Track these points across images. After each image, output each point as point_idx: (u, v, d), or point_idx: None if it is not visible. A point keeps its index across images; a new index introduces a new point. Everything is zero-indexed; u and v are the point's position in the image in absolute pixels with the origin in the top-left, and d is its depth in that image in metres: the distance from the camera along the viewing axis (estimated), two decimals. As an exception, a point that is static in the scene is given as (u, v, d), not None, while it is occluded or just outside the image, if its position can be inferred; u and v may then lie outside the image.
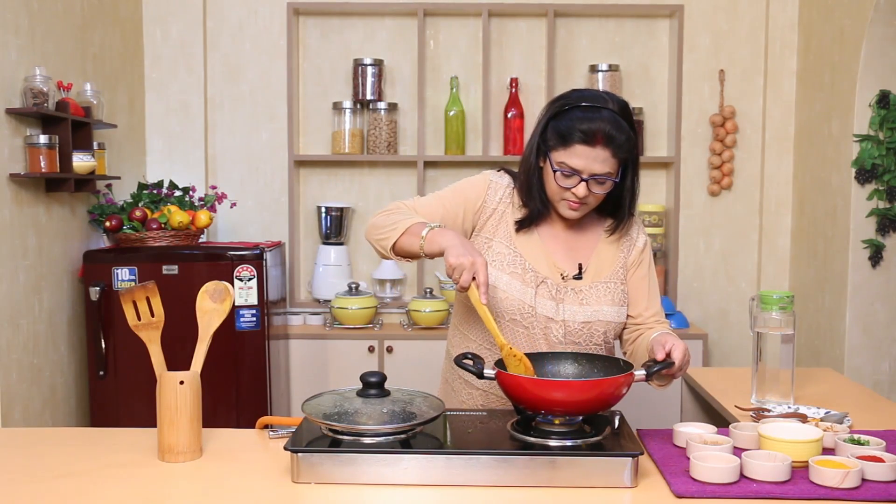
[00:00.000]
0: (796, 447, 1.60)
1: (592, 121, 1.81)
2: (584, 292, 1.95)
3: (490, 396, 1.99)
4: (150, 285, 1.75)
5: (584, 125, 1.81)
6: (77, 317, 3.29)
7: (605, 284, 1.97)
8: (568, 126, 1.83)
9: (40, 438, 1.86)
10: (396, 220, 1.87)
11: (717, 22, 4.06)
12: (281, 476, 1.59)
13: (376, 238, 1.90)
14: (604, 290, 1.96)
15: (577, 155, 1.82)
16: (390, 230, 1.86)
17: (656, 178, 4.16)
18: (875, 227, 3.41)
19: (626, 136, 1.83)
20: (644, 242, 2.04)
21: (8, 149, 2.79)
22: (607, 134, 1.80)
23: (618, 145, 1.82)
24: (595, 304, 1.94)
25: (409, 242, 1.83)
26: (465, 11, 4.02)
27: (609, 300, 1.96)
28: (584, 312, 1.93)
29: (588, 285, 1.96)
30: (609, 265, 1.99)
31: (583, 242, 2.00)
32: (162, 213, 3.36)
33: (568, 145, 1.83)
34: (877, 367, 3.45)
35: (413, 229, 1.83)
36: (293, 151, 4.01)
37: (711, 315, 4.16)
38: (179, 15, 3.98)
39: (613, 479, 1.53)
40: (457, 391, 2.05)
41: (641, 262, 2.02)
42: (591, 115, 1.82)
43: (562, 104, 1.88)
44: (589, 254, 1.99)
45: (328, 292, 3.96)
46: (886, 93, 3.34)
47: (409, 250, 1.85)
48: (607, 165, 1.83)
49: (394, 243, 1.85)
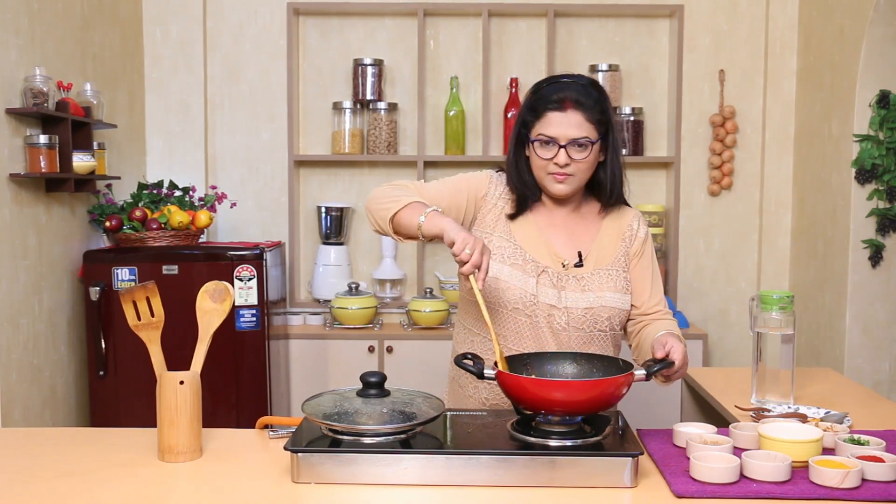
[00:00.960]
0: (796, 447, 1.60)
1: (560, 90, 1.90)
2: (585, 279, 1.97)
3: (497, 389, 1.99)
4: (150, 285, 1.75)
5: (553, 95, 1.90)
6: (77, 317, 3.29)
7: (606, 272, 1.99)
8: (539, 99, 1.92)
9: (40, 438, 1.86)
10: (400, 195, 1.88)
11: (717, 22, 4.06)
12: (281, 476, 1.59)
13: (376, 208, 1.90)
14: (606, 277, 1.98)
15: (550, 123, 1.89)
16: (392, 202, 1.87)
17: (656, 178, 4.16)
18: (875, 227, 3.41)
19: (595, 100, 1.91)
20: (645, 233, 2.07)
21: (8, 149, 2.79)
22: (576, 99, 1.89)
23: (588, 107, 1.89)
24: (597, 290, 1.96)
25: (409, 217, 1.83)
26: (465, 11, 4.02)
27: (612, 286, 1.98)
28: (586, 299, 1.95)
29: (590, 272, 1.98)
30: (611, 253, 2.01)
31: (582, 230, 2.03)
32: (162, 213, 3.36)
33: (540, 115, 1.90)
34: (877, 367, 3.45)
35: (415, 206, 1.84)
36: (293, 151, 4.01)
37: (711, 315, 4.16)
38: (179, 15, 3.98)
39: (613, 479, 1.54)
40: (463, 386, 2.06)
41: (644, 254, 2.04)
42: (559, 87, 1.91)
43: (534, 88, 1.96)
44: (590, 242, 2.01)
45: (328, 292, 3.96)
46: (886, 93, 3.34)
47: (406, 226, 1.85)
48: (583, 129, 1.89)
49: (393, 215, 1.85)
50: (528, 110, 1.94)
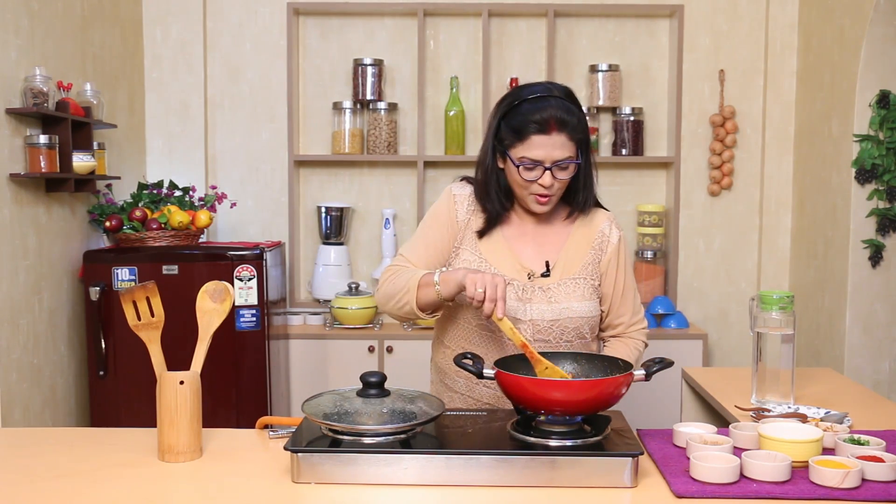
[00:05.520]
0: (796, 447, 1.60)
1: (543, 109, 1.86)
2: (552, 290, 1.96)
3: (493, 387, 1.99)
4: (150, 285, 1.75)
5: (535, 115, 1.86)
6: (77, 317, 3.29)
7: (574, 281, 1.97)
8: (521, 120, 1.87)
9: (40, 438, 1.86)
10: (405, 282, 1.90)
11: (717, 22, 4.06)
12: (281, 476, 1.59)
13: (396, 307, 1.93)
14: (573, 287, 1.97)
15: (535, 146, 1.86)
16: (404, 294, 1.89)
17: (656, 178, 4.16)
18: (875, 227, 3.41)
19: (577, 118, 1.89)
20: (618, 238, 2.04)
21: (8, 149, 2.79)
22: (560, 119, 1.86)
23: (572, 128, 1.87)
24: (564, 300, 1.95)
25: (427, 294, 1.86)
26: (465, 11, 4.02)
27: (578, 296, 1.96)
28: (552, 310, 1.94)
29: (556, 283, 1.97)
30: (579, 260, 2.00)
31: (551, 238, 2.01)
32: (162, 213, 3.36)
33: (524, 138, 1.87)
34: (877, 367, 3.45)
35: (424, 281, 1.87)
36: (293, 151, 4.01)
37: (711, 315, 4.16)
38: (179, 15, 3.98)
39: (613, 479, 1.53)
40: (451, 387, 2.06)
41: (618, 264, 2.02)
42: (540, 105, 1.87)
43: (510, 102, 1.92)
44: (558, 249, 2.00)
45: (328, 292, 3.96)
46: (886, 93, 3.34)
47: (431, 303, 1.88)
48: (566, 150, 1.87)
49: (415, 305, 1.88)
50: (510, 131, 1.89)
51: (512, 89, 1.98)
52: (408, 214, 4.12)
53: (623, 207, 4.09)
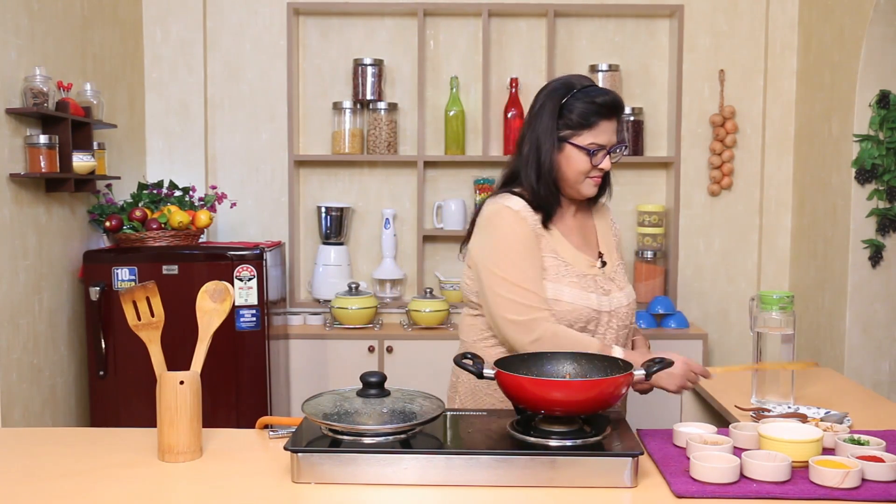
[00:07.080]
0: (796, 447, 1.60)
1: (605, 94, 1.93)
2: (616, 277, 2.02)
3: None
4: (150, 285, 1.75)
5: (600, 98, 1.92)
6: (77, 317, 3.29)
7: (619, 266, 2.06)
8: (587, 108, 1.92)
9: (40, 438, 1.86)
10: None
11: (717, 22, 4.06)
12: (281, 476, 1.59)
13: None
14: (622, 272, 2.05)
15: (602, 131, 1.92)
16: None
17: (656, 178, 4.16)
18: (875, 227, 3.41)
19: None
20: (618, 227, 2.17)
21: (8, 149, 2.79)
22: (618, 103, 1.94)
23: (621, 111, 1.97)
24: (626, 285, 2.03)
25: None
26: (465, 11, 4.02)
27: (628, 280, 2.06)
28: (624, 296, 2.01)
29: (613, 269, 2.03)
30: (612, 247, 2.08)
31: (588, 229, 2.07)
32: (162, 213, 3.36)
33: (593, 125, 1.92)
34: (877, 367, 3.45)
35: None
36: (293, 151, 4.01)
37: (711, 315, 4.16)
38: (179, 15, 3.98)
39: (613, 479, 1.54)
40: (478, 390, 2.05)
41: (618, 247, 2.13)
42: (600, 91, 1.94)
43: (562, 94, 1.94)
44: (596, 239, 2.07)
45: (328, 292, 3.96)
46: (886, 93, 3.34)
47: None
48: (617, 134, 1.96)
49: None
50: (573, 120, 1.91)
51: (554, 84, 1.98)
52: (408, 214, 4.12)
53: (623, 207, 4.08)
